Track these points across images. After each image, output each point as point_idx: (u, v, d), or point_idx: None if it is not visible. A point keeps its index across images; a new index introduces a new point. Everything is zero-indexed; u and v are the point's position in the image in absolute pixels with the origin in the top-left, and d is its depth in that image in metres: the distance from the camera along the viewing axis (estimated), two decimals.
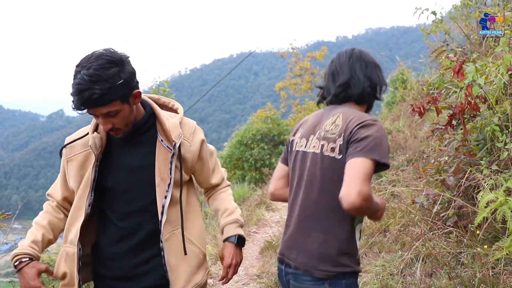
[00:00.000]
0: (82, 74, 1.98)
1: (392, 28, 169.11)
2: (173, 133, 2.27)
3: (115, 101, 2.07)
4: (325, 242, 2.18)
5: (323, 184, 2.19)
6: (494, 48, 5.30)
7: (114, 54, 2.07)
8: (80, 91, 1.98)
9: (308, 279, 2.20)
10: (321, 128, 2.29)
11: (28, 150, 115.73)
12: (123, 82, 2.06)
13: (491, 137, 4.33)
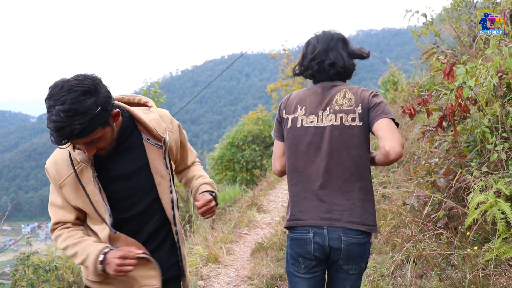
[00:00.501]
0: (58, 110, 1.89)
1: (383, 30, 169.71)
2: (158, 129, 2.27)
3: (96, 129, 2.01)
4: (366, 200, 2.53)
5: (350, 150, 2.49)
6: (484, 50, 5.32)
7: (86, 83, 1.97)
8: (59, 129, 1.91)
9: (358, 234, 2.48)
10: (332, 103, 2.55)
11: (18, 151, 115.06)
12: (101, 109, 1.99)
13: (481, 139, 4.35)
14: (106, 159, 2.24)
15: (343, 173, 2.50)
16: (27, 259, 8.73)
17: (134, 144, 2.28)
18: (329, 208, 2.49)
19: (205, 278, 5.61)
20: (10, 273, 9.20)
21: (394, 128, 2.41)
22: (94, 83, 1.99)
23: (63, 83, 1.95)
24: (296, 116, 2.62)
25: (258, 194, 10.30)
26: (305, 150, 2.56)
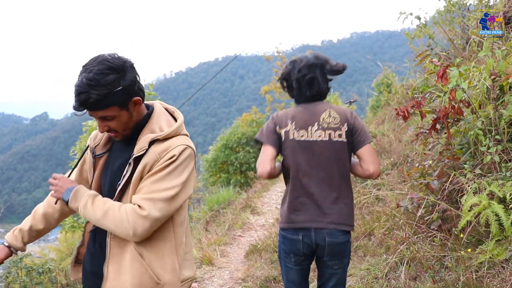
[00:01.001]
0: (83, 76, 2.02)
1: (377, 33, 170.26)
2: (138, 145, 2.18)
3: (112, 106, 2.08)
4: (350, 205, 3.02)
5: (338, 162, 2.96)
6: (477, 52, 5.35)
7: (117, 61, 2.08)
8: (78, 93, 2.03)
9: (341, 234, 2.94)
10: (320, 121, 2.97)
11: (11, 153, 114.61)
12: (122, 89, 2.07)
13: (475, 141, 4.36)
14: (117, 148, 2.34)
15: (333, 182, 2.96)
16: (20, 261, 8.69)
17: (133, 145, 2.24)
18: (322, 212, 2.93)
19: (199, 281, 5.60)
20: (3, 276, 9.16)
21: (374, 152, 3.03)
22: (123, 64, 2.10)
23: (98, 56, 2.10)
24: (287, 130, 3.01)
25: (252, 196, 10.30)
26: (300, 161, 2.97)
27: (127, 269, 2.17)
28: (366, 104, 15.45)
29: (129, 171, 2.17)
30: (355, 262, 4.98)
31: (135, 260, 2.17)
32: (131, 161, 2.16)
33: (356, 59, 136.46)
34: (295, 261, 3.06)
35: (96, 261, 2.30)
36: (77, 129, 18.95)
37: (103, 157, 2.35)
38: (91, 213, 2.14)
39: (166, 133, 2.20)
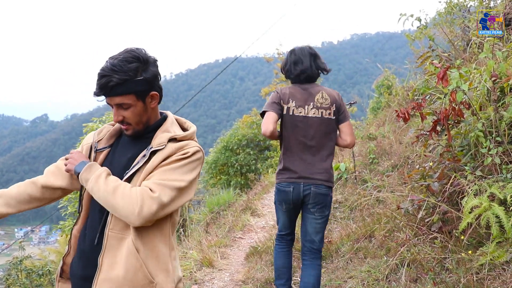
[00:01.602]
0: (108, 62, 2.13)
1: (377, 34, 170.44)
2: (157, 140, 2.22)
3: (129, 94, 2.16)
4: (331, 166, 3.97)
5: (326, 134, 3.88)
6: (478, 54, 5.34)
7: (142, 53, 2.20)
8: (100, 77, 2.12)
9: (325, 187, 3.88)
10: (314, 101, 3.85)
11: (11, 155, 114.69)
12: (143, 79, 2.17)
13: (475, 143, 4.36)
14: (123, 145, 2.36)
15: (321, 150, 3.88)
16: (20, 263, 8.70)
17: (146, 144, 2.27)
18: (309, 171, 3.85)
19: (199, 282, 5.59)
20: (3, 278, 9.16)
21: (352, 127, 4.01)
22: (148, 57, 2.22)
23: (126, 48, 2.23)
24: (289, 106, 3.86)
25: (253, 198, 10.29)
26: (297, 132, 3.86)
27: (122, 262, 2.15)
28: (367, 105, 15.44)
29: (141, 162, 2.19)
30: (355, 264, 4.97)
31: (131, 255, 2.15)
32: (147, 153, 2.20)
33: (357, 61, 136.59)
34: (285, 207, 4.00)
35: (87, 262, 2.27)
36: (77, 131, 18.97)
37: (104, 152, 2.36)
38: (101, 186, 2.12)
39: (184, 135, 2.28)
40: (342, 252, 5.42)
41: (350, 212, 6.68)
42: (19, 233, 66.09)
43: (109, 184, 2.13)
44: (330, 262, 5.36)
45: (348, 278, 4.71)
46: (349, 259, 5.14)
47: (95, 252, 2.23)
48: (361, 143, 10.09)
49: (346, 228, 5.98)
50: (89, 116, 20.38)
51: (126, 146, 2.35)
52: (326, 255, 5.49)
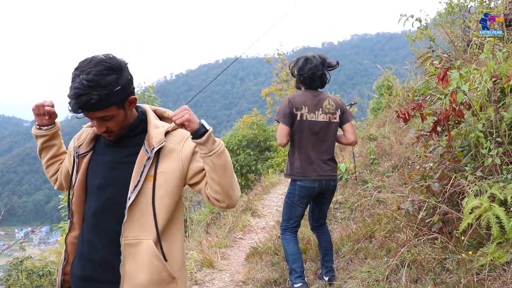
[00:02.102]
0: (81, 78, 2.01)
1: (377, 35, 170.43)
2: (155, 138, 2.23)
3: (111, 106, 2.10)
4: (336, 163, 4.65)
5: (333, 136, 4.51)
6: (478, 55, 5.34)
7: (114, 61, 2.10)
8: (78, 96, 2.01)
9: (336, 180, 4.63)
10: (323, 107, 4.42)
11: (11, 155, 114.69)
12: (121, 89, 2.10)
13: (476, 143, 4.36)
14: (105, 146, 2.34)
15: (329, 149, 4.51)
16: (20, 264, 8.69)
17: (134, 144, 2.29)
18: (324, 169, 4.46)
19: (200, 283, 5.59)
20: (3, 278, 9.16)
21: (353, 127, 4.62)
22: (120, 63, 2.13)
23: (92, 58, 2.10)
24: (302, 112, 4.38)
25: (253, 198, 10.28)
26: (309, 135, 4.41)
27: (145, 267, 2.18)
28: (367, 106, 15.44)
29: (147, 165, 2.20)
30: (355, 264, 4.97)
31: (154, 257, 2.20)
32: (151, 155, 2.20)
33: (357, 61, 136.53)
34: (306, 201, 4.55)
35: (86, 263, 2.28)
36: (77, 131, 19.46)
37: (86, 156, 2.35)
38: (227, 156, 2.26)
39: (173, 126, 2.31)
40: (342, 253, 5.41)
41: (350, 213, 6.68)
42: (19, 233, 66.07)
43: (228, 157, 2.28)
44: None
45: (349, 278, 4.71)
46: (350, 260, 5.14)
47: (95, 253, 2.25)
48: (361, 144, 10.08)
49: (347, 229, 5.98)
50: None
51: (107, 148, 2.33)
52: None
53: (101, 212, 2.25)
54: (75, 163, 2.33)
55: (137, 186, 2.18)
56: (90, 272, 2.26)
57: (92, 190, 2.30)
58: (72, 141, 2.46)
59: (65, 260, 2.40)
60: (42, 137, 2.58)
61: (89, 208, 2.30)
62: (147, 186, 2.21)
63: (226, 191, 2.24)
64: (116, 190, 2.24)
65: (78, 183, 2.32)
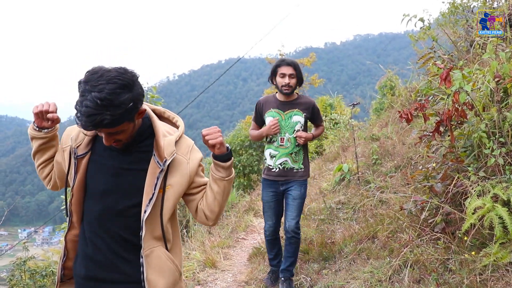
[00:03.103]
0: (93, 96, 1.92)
1: (380, 35, 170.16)
2: (166, 150, 2.21)
3: (124, 123, 2.07)
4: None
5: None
6: (481, 55, 5.33)
7: (126, 77, 2.01)
8: (90, 115, 1.94)
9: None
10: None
11: (14, 155, 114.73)
12: (133, 105, 2.04)
13: (479, 143, 4.35)
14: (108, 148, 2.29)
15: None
16: (23, 264, 8.69)
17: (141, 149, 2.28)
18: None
19: (202, 283, 5.59)
20: (6, 278, 9.16)
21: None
22: (132, 78, 2.05)
23: (103, 72, 1.99)
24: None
25: (255, 198, 10.28)
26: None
27: (163, 272, 2.27)
28: (370, 106, 15.42)
29: (161, 177, 2.20)
30: (358, 265, 4.97)
31: (168, 260, 2.30)
32: (164, 167, 2.19)
33: (360, 62, 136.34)
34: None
35: (91, 263, 2.30)
36: None
37: (85, 158, 2.31)
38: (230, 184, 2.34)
39: (180, 134, 2.33)
40: (345, 253, 5.41)
41: (353, 213, 6.67)
42: (22, 234, 66.16)
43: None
44: (333, 263, 5.36)
45: (351, 279, 4.70)
46: (352, 260, 5.14)
47: (99, 254, 2.27)
48: (364, 144, 10.08)
49: (349, 229, 5.98)
50: None
51: (110, 151, 2.30)
52: (329, 256, 5.49)
53: (105, 216, 2.26)
54: (74, 164, 2.30)
55: (151, 199, 2.19)
56: (94, 272, 2.28)
57: (95, 194, 2.29)
58: (65, 135, 2.41)
59: (65, 256, 2.41)
60: (40, 139, 2.46)
61: (91, 210, 2.30)
62: (158, 198, 2.23)
63: (220, 213, 2.36)
64: (120, 196, 2.25)
65: (78, 185, 2.30)
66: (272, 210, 4.94)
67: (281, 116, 4.78)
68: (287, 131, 4.76)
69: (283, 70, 4.69)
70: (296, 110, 4.78)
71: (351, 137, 11.19)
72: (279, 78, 4.72)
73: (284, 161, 4.77)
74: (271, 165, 4.84)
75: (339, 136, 13.07)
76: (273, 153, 4.82)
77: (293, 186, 4.81)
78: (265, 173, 4.93)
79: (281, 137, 4.77)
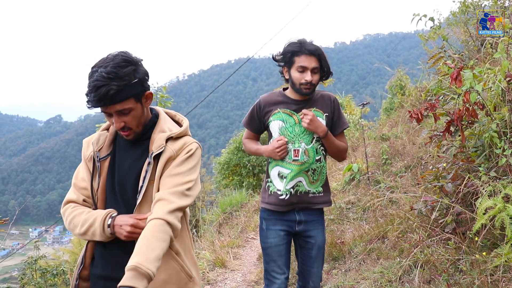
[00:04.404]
0: (100, 71, 2.08)
1: (390, 34, 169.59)
2: (156, 143, 2.26)
3: (129, 98, 2.16)
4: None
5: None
6: (492, 54, 5.31)
7: (129, 55, 2.19)
8: (97, 87, 2.07)
9: None
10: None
11: (25, 155, 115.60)
12: (138, 81, 2.17)
13: (490, 143, 4.32)
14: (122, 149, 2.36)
15: None
16: (34, 263, 8.77)
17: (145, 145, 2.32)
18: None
19: (212, 283, 5.61)
20: (18, 277, 9.25)
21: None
22: (136, 59, 2.21)
23: (108, 54, 2.19)
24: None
25: None
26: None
27: (162, 269, 2.22)
28: (380, 106, 15.39)
29: (149, 170, 2.24)
30: (368, 265, 4.96)
31: (171, 259, 2.27)
32: (151, 160, 2.23)
33: (370, 61, 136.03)
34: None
35: (106, 263, 2.33)
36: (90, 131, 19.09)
37: (107, 160, 2.36)
38: (155, 263, 2.02)
39: (179, 131, 2.33)
40: (354, 253, 5.40)
41: (363, 213, 6.66)
42: (33, 233, 66.56)
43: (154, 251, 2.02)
44: (343, 263, 5.35)
45: (361, 279, 4.70)
46: (362, 260, 5.13)
47: (114, 254, 2.29)
48: (374, 144, 10.05)
49: (359, 229, 5.97)
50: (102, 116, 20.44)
51: (124, 151, 2.36)
52: (339, 256, 5.48)
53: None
54: (98, 168, 2.34)
55: (140, 190, 2.24)
56: (110, 272, 2.31)
57: (112, 194, 2.33)
58: (84, 147, 2.43)
59: (82, 265, 2.41)
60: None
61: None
62: (150, 189, 2.26)
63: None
64: (129, 194, 2.29)
65: (101, 187, 2.34)
66: (284, 258, 3.42)
67: (293, 119, 3.29)
68: (303, 140, 3.28)
69: (304, 61, 3.18)
70: (314, 109, 3.33)
71: (361, 137, 11.17)
72: (296, 72, 3.20)
73: (298, 182, 3.31)
74: (280, 190, 3.32)
75: (348, 136, 13.05)
76: (284, 172, 3.31)
77: (314, 228, 3.40)
78: (268, 201, 3.39)
79: (294, 149, 3.28)
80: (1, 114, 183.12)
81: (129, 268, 1.94)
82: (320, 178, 3.36)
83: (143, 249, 2.01)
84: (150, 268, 1.96)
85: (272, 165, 3.39)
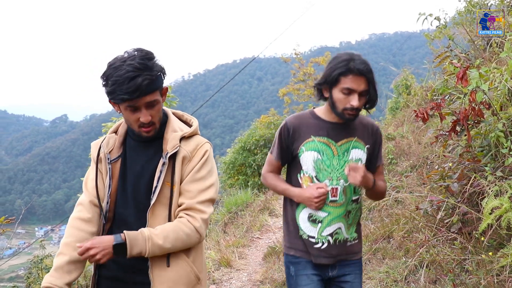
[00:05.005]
0: (129, 64, 2.07)
1: (395, 34, 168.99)
2: (170, 143, 2.25)
3: (156, 90, 2.17)
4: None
5: None
6: (498, 53, 5.28)
7: (147, 51, 2.18)
8: (131, 78, 2.05)
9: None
10: None
11: (31, 155, 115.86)
12: (161, 74, 2.19)
13: (496, 143, 4.31)
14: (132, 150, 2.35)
15: None
16: (40, 262, 8.78)
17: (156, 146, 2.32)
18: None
19: (217, 282, 5.61)
20: (24, 276, 9.28)
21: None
22: (152, 54, 2.19)
23: (124, 53, 2.16)
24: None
25: (270, 198, 10.29)
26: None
27: (170, 269, 2.24)
28: (385, 105, 15.36)
29: (164, 171, 2.23)
30: (374, 265, 4.95)
31: (181, 259, 2.27)
32: (166, 160, 2.23)
33: (375, 61, 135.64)
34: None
35: (115, 265, 2.34)
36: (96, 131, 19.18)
37: (118, 161, 2.36)
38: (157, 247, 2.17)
39: (191, 131, 2.33)
40: None
41: (368, 213, 6.65)
42: (39, 232, 66.73)
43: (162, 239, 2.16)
44: None
45: (367, 279, 4.69)
46: (368, 260, 5.12)
47: (123, 257, 2.26)
48: None
49: (365, 229, 5.96)
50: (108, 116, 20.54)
51: (136, 152, 2.35)
52: None
53: (132, 219, 2.31)
54: (109, 170, 2.33)
55: (155, 191, 2.23)
56: (117, 273, 2.34)
57: (124, 197, 2.34)
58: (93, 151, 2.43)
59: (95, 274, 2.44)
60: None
61: (121, 214, 2.36)
62: (165, 191, 2.25)
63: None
64: (142, 196, 2.29)
65: (113, 190, 2.35)
66: None
67: (331, 149, 2.69)
68: (342, 176, 2.69)
69: (351, 83, 2.54)
70: (354, 139, 2.73)
71: None
72: (340, 93, 2.57)
73: (337, 229, 2.72)
74: (314, 237, 2.71)
75: None
76: (318, 215, 2.70)
77: (351, 272, 2.80)
78: (297, 247, 2.79)
79: (332, 187, 2.69)
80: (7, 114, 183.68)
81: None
82: (354, 221, 2.82)
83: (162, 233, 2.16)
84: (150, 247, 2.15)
85: (300, 206, 2.73)
